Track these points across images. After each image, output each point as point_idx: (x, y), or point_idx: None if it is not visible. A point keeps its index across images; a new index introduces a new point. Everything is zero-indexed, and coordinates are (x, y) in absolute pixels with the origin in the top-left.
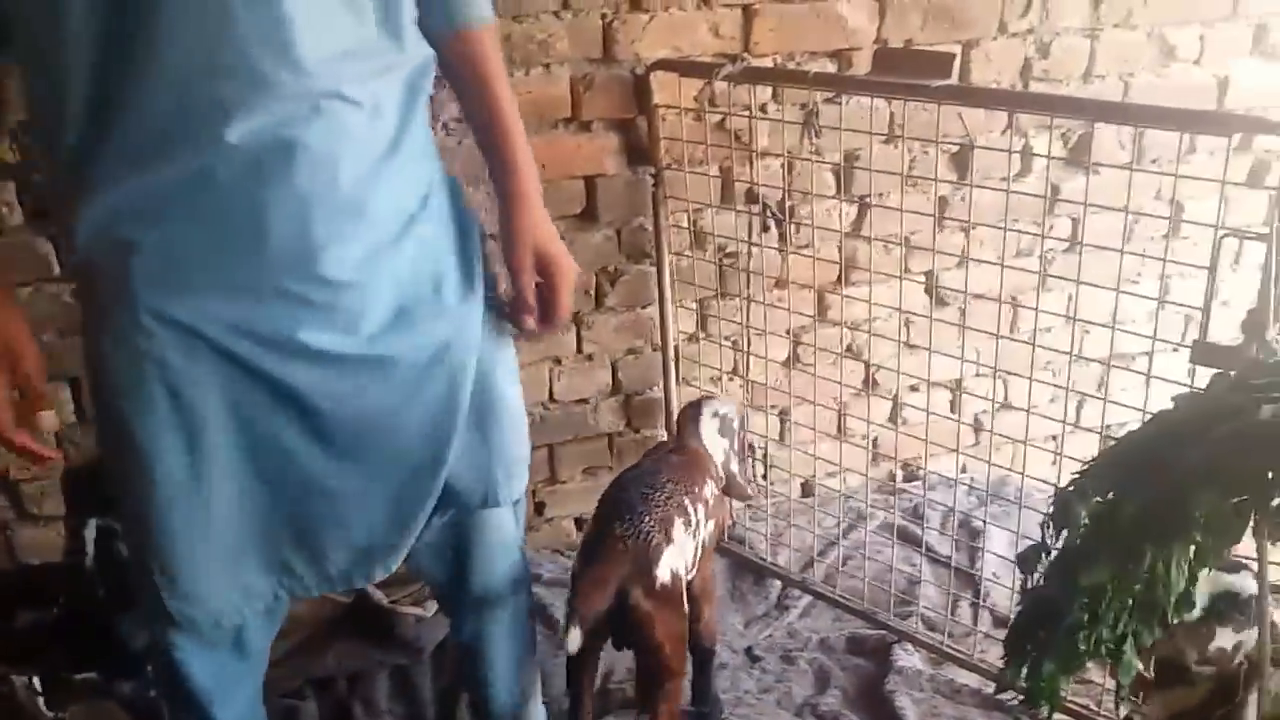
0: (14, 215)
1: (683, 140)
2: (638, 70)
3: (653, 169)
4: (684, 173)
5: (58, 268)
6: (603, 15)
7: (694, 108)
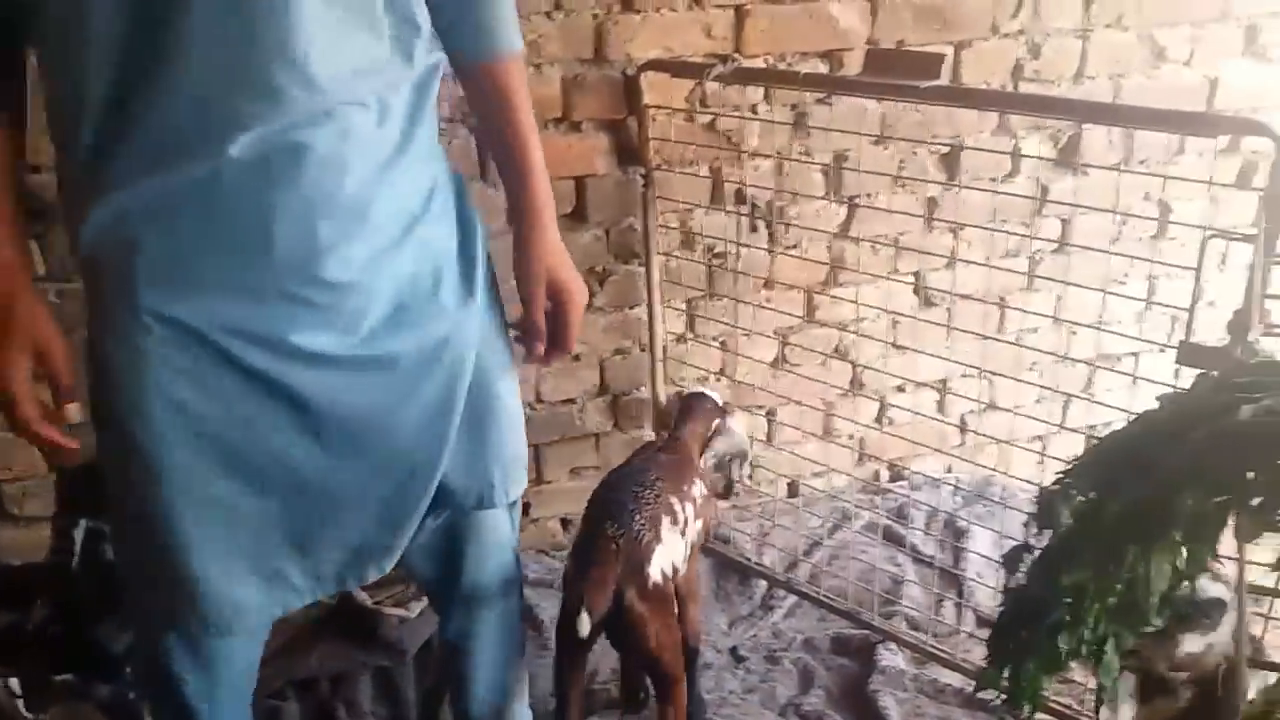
0: None
1: (673, 141)
2: (629, 71)
3: (643, 169)
4: (674, 173)
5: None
6: (594, 15)
7: (685, 108)
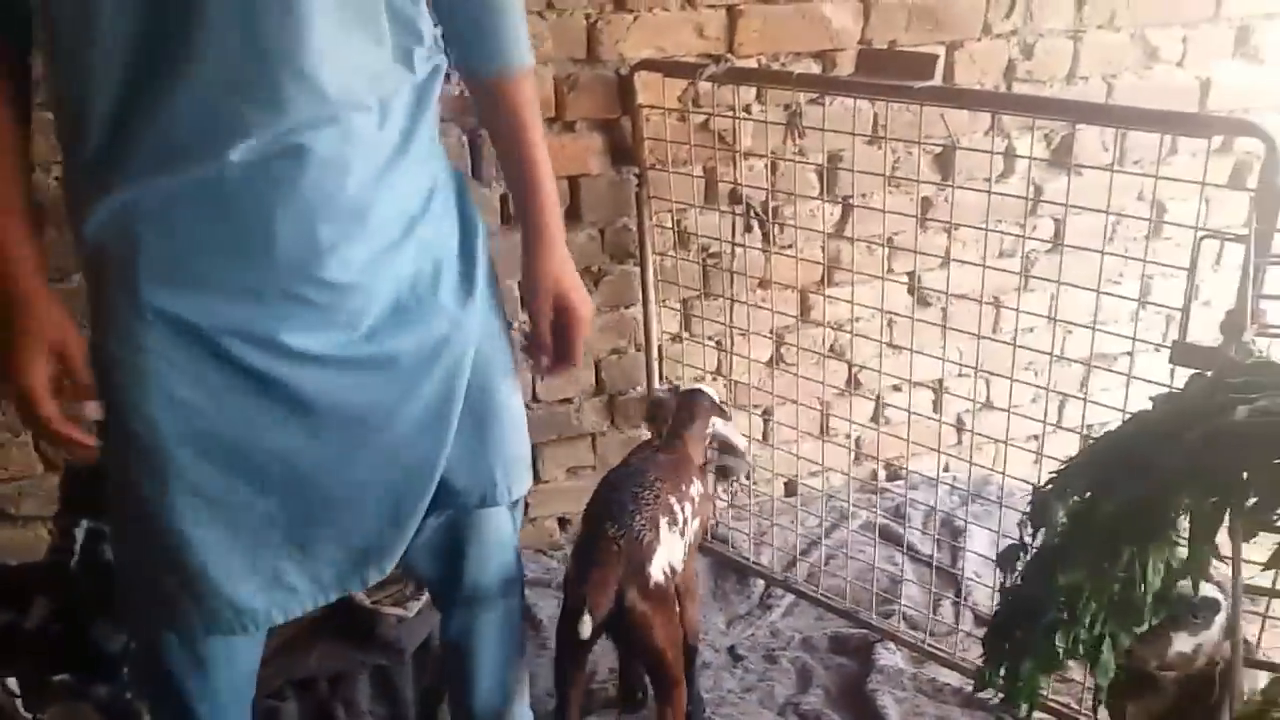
0: None
1: (667, 140)
2: (622, 70)
3: (636, 169)
4: (668, 173)
5: None
6: (587, 15)
7: (678, 108)
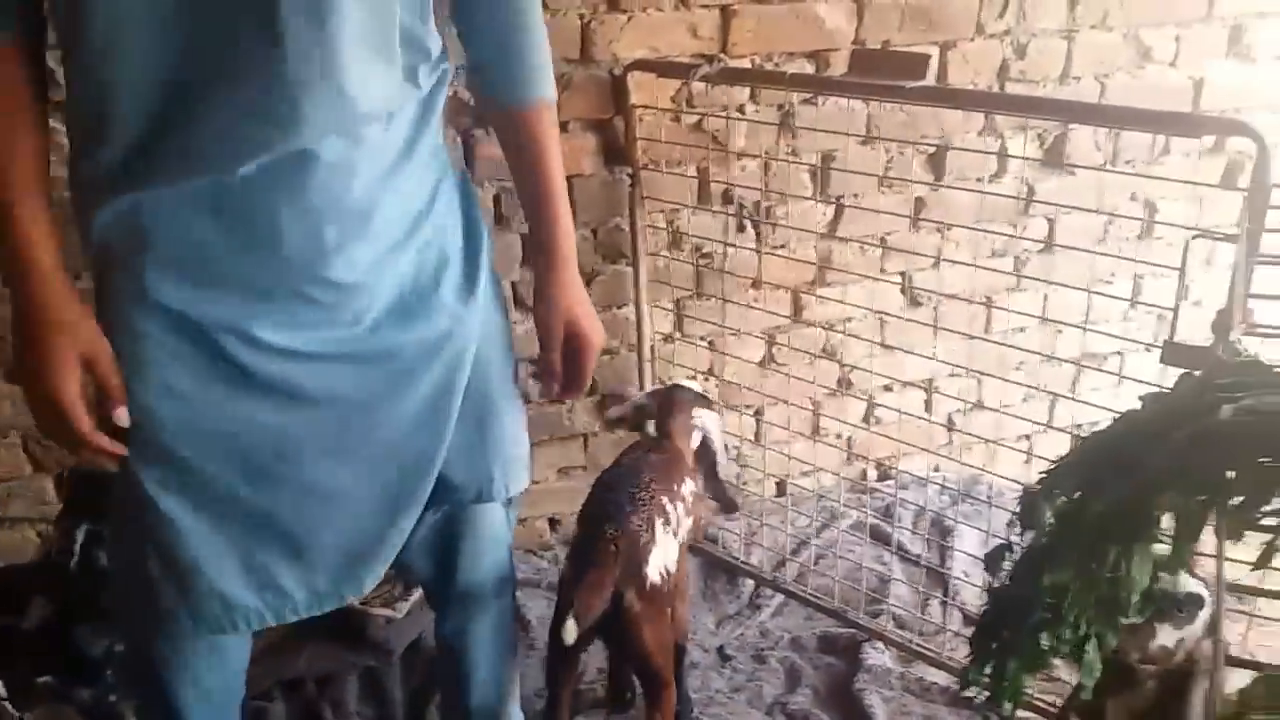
0: None
1: (660, 141)
2: (615, 71)
3: (630, 169)
4: (661, 173)
5: None
6: (580, 15)
7: (671, 108)
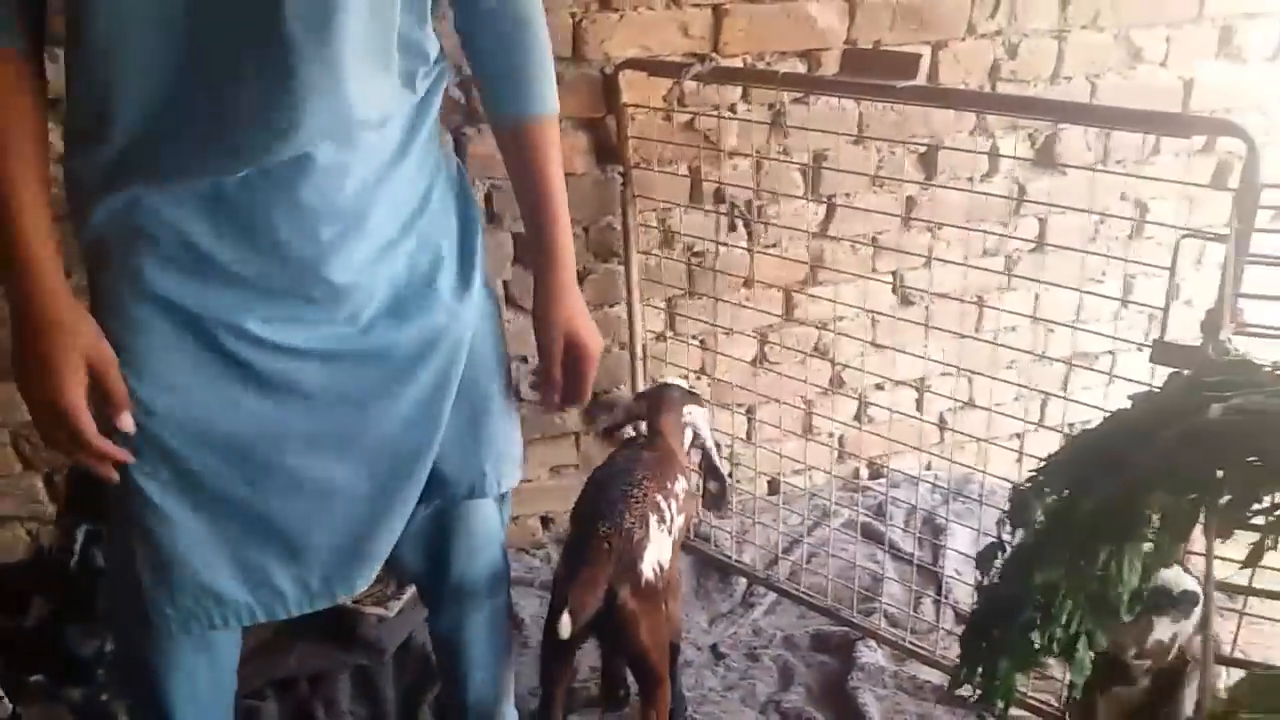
0: None
1: (652, 139)
2: (607, 69)
3: (621, 168)
4: (653, 172)
5: None
6: (572, 14)
7: (663, 107)
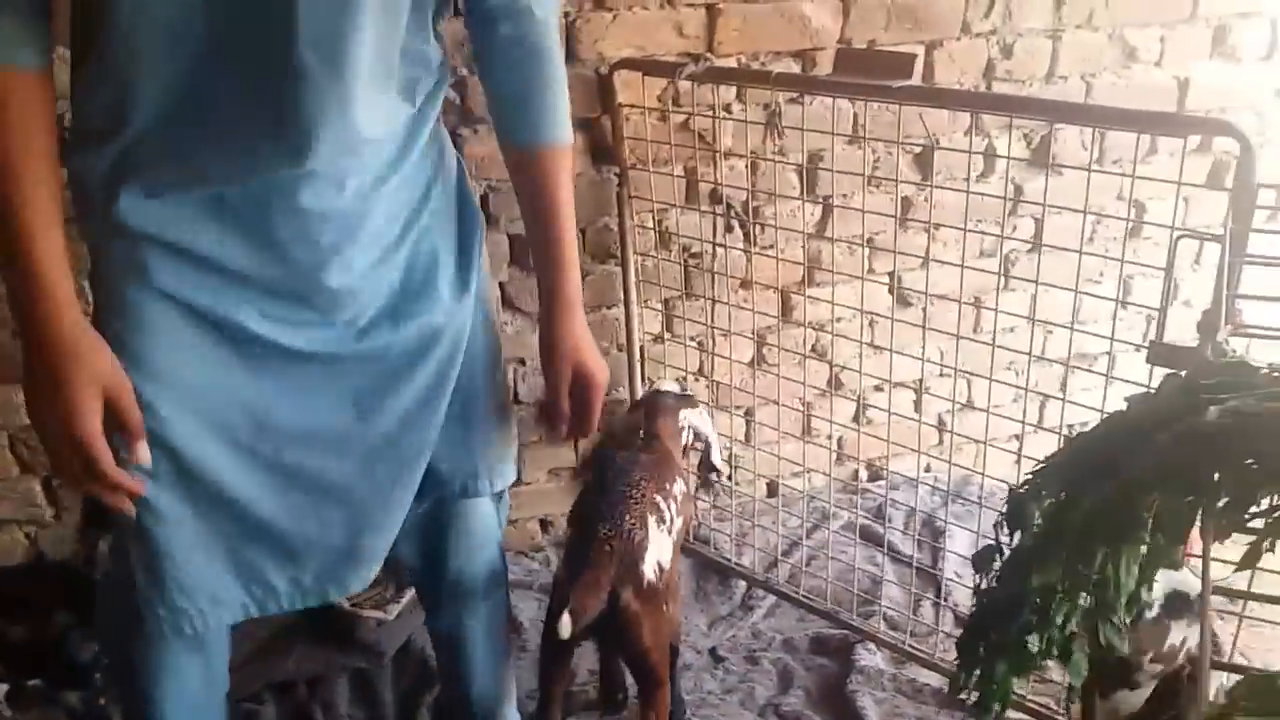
0: None
1: (647, 140)
2: (601, 69)
3: (617, 169)
4: (648, 172)
5: None
6: (566, 14)
7: (658, 107)
